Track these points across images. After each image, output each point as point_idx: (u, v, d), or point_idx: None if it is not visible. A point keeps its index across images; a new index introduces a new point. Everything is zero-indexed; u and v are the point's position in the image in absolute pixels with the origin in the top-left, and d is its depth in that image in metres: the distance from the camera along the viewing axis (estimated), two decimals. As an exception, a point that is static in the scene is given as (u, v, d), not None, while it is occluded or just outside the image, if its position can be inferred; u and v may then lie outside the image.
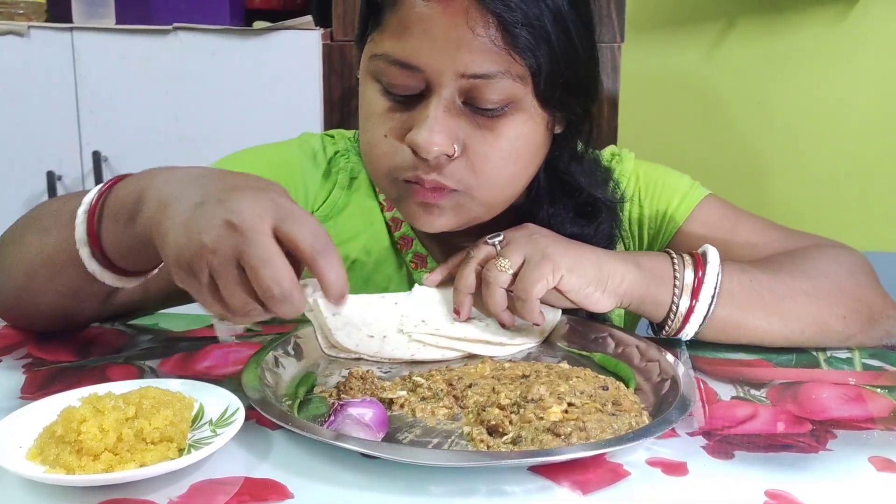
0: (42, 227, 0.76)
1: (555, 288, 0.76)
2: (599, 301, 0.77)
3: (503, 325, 0.80)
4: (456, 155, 0.77)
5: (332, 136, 0.99)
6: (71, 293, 0.78)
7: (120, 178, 0.72)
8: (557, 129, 0.84)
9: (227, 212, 0.58)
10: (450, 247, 0.89)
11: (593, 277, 0.76)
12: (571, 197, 0.88)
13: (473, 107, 0.77)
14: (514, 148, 0.79)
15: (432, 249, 0.96)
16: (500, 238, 0.79)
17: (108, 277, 0.73)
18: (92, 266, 0.72)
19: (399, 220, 0.96)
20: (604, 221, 0.89)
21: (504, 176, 0.80)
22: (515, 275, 0.76)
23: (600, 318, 0.85)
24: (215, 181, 0.64)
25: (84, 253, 0.71)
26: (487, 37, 0.74)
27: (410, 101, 0.78)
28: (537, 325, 0.78)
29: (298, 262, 0.61)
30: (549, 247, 0.77)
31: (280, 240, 0.59)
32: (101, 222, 0.71)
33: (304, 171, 0.95)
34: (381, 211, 0.96)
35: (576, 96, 0.82)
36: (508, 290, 0.77)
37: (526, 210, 0.88)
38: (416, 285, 0.82)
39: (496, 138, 0.78)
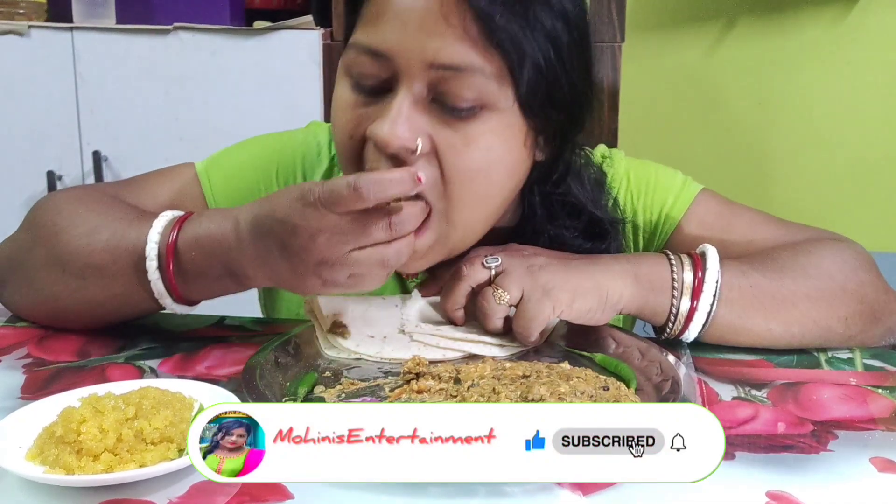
0: (95, 272, 0.77)
1: None
2: (599, 320, 0.78)
3: None
4: (420, 151, 0.73)
5: None
6: (141, 314, 0.82)
7: (176, 233, 0.75)
8: (539, 156, 0.80)
9: (289, 235, 0.68)
10: None
11: (593, 304, 0.76)
12: (574, 217, 0.86)
13: (444, 104, 0.73)
14: (487, 159, 0.74)
15: None
16: (498, 262, 0.78)
17: (187, 310, 0.78)
18: (175, 307, 0.77)
19: None
20: (612, 241, 0.87)
21: (477, 191, 0.75)
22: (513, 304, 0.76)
23: None
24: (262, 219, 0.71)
25: (168, 302, 0.77)
26: (462, 27, 0.71)
27: (379, 95, 0.75)
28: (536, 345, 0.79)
29: None
30: (549, 282, 0.75)
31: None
32: (183, 279, 0.75)
33: (304, 167, 0.94)
34: None
35: (562, 112, 0.78)
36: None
37: (527, 232, 0.85)
38: (416, 289, 0.82)
39: (466, 144, 0.73)
